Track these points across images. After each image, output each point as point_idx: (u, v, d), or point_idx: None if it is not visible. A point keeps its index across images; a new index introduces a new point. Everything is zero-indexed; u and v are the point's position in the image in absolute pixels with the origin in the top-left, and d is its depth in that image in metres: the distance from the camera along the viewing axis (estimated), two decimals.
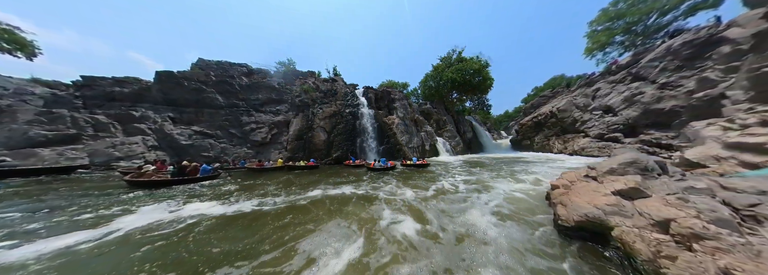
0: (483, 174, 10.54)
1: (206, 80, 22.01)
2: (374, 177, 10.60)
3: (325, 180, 10.03)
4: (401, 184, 8.69)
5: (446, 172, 11.66)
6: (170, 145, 18.70)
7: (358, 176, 10.96)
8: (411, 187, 8.05)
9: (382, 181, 9.51)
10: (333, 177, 10.90)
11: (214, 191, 8.22)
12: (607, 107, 16.93)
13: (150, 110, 20.30)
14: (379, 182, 9.17)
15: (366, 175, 11.43)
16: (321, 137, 18.55)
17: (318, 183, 9.32)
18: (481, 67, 28.93)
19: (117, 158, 16.13)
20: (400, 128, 22.74)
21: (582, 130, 18.01)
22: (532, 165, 13.04)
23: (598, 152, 15.66)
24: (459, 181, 9.06)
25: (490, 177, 9.58)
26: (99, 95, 20.40)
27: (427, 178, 10.03)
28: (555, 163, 13.62)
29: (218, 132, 19.43)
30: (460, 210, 5.31)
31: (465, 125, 34.15)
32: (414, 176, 10.85)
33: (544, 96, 27.99)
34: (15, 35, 18.04)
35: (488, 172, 11.17)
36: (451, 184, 8.47)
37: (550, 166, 12.49)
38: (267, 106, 21.42)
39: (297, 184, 9.30)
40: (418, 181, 9.37)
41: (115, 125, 18.97)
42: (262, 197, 7.00)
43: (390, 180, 9.64)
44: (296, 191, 7.92)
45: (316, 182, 9.52)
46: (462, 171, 11.92)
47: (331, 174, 12.13)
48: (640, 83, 15.96)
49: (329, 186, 8.53)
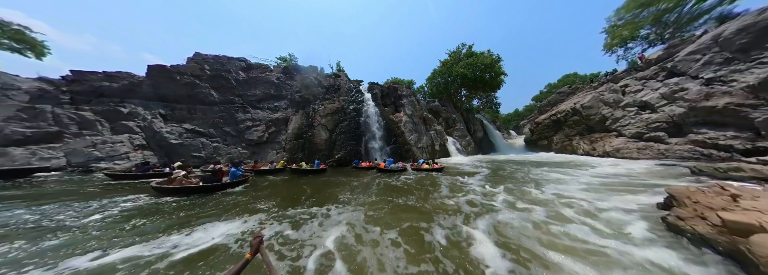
0: (528, 182, 8.53)
1: (200, 74, 20.19)
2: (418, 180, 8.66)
3: (367, 186, 8.23)
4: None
5: (476, 183, 9.15)
6: (159, 144, 16.93)
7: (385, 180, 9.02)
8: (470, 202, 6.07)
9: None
10: (360, 179, 8.99)
11: (260, 199, 6.64)
12: (644, 103, 14.74)
13: (140, 107, 18.54)
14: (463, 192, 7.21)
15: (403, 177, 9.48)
16: (322, 135, 16.62)
17: (366, 190, 7.61)
18: (494, 61, 26.74)
19: (97, 158, 14.39)
20: (408, 126, 20.75)
21: (614, 129, 15.83)
22: (568, 170, 10.98)
23: (638, 153, 13.49)
24: (507, 196, 7.06)
25: (545, 187, 7.57)
26: (87, 91, 18.68)
27: (454, 188, 8.04)
28: (595, 168, 11.47)
29: (211, 130, 17.61)
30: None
31: (475, 123, 32.02)
32: (436, 185, 8.86)
33: (562, 93, 25.73)
34: (25, 36, 17.70)
35: (531, 181, 9.12)
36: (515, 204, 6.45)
37: (589, 172, 10.43)
38: (265, 102, 19.55)
39: (341, 190, 7.66)
40: (456, 198, 7.39)
41: (102, 122, 17.24)
42: (342, 207, 5.46)
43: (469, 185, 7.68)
44: (363, 200, 6.36)
45: (361, 189, 7.81)
46: (493, 178, 9.90)
47: (353, 176, 10.21)
48: (679, 79, 13.75)
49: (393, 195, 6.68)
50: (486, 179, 9.51)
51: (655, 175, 8.89)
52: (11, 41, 17.33)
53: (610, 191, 6.64)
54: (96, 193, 7.73)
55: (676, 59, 14.25)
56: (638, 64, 17.44)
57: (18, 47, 17.75)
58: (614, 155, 14.70)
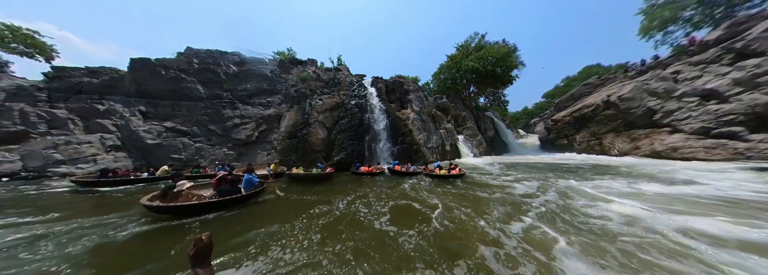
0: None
1: (187, 67, 17.97)
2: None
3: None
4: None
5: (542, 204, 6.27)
6: (136, 144, 14.72)
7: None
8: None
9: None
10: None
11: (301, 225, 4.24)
12: (709, 91, 11.90)
13: (119, 103, 16.38)
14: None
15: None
16: (319, 134, 14.16)
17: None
18: (509, 52, 23.94)
19: (57, 161, 12.18)
20: (417, 124, 18.17)
21: (666, 123, 13.00)
22: (623, 177, 8.29)
23: (706, 154, 10.66)
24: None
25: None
26: (65, 87, 16.60)
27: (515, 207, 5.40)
28: (668, 175, 8.74)
29: (194, 129, 15.33)
30: None
31: (485, 122, 29.24)
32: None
33: (588, 85, 22.79)
34: (35, 40, 17.82)
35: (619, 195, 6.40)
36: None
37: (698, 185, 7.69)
38: (256, 97, 17.21)
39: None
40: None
41: (76, 121, 15.11)
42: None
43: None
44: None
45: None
46: (550, 193, 7.09)
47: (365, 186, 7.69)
48: (761, 60, 10.87)
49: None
50: (540, 192, 6.85)
51: None
52: (22, 45, 17.51)
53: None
54: (38, 209, 5.38)
55: (748, 38, 11.40)
56: (689, 48, 14.57)
57: (28, 51, 17.94)
58: (669, 156, 11.88)
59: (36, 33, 18.09)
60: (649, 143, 13.20)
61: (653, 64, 16.62)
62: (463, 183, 8.32)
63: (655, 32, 19.29)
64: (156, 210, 4.72)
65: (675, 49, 16.33)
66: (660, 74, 14.45)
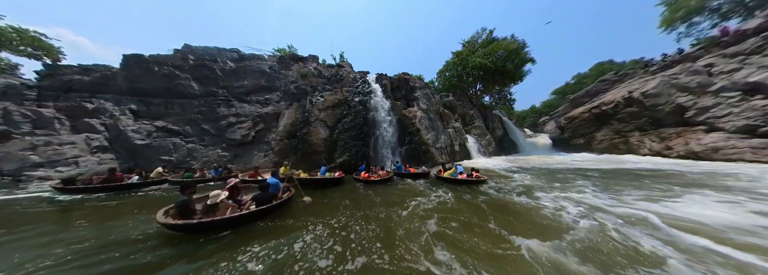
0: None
1: (182, 64, 16.91)
2: None
3: None
4: None
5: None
6: (124, 145, 13.67)
7: None
8: None
9: None
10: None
11: None
12: (751, 85, 10.65)
13: (110, 102, 15.36)
14: None
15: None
16: (320, 133, 13.03)
17: None
18: (519, 47, 22.71)
19: (35, 164, 11.13)
20: (424, 122, 17.00)
21: (701, 121, 11.76)
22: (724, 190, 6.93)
23: (754, 155, 9.43)
24: None
25: None
26: (56, 86, 15.61)
27: None
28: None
29: (187, 128, 14.25)
30: None
31: (494, 120, 28.00)
32: None
33: (605, 81, 21.50)
34: (42, 42, 17.96)
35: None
36: None
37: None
38: (254, 94, 16.10)
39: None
40: None
41: (62, 120, 14.08)
42: None
43: None
44: None
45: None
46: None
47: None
48: None
49: None
50: (611, 223, 4.11)
51: None
52: (30, 48, 17.76)
53: None
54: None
55: None
56: (723, 39, 13.31)
57: (36, 53, 18.05)
58: (709, 157, 10.64)
59: (43, 35, 18.29)
60: (684, 143, 11.95)
61: (679, 57, 15.35)
62: (494, 192, 7.03)
63: (678, 24, 17.97)
64: (177, 229, 3.70)
65: (703, 41, 15.05)
66: (691, 67, 13.18)
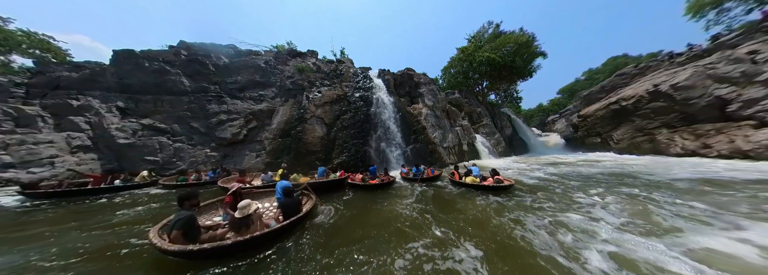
0: None
1: (174, 59, 15.94)
2: None
3: None
4: None
5: None
6: (108, 144, 12.70)
7: None
8: None
9: None
10: None
11: None
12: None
13: (97, 99, 14.44)
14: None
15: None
16: (317, 132, 11.85)
17: None
18: (529, 40, 21.30)
19: (5, 164, 10.18)
20: (430, 120, 15.73)
21: (748, 116, 10.27)
22: None
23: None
24: None
25: None
26: (44, 83, 14.77)
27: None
28: None
29: (175, 126, 13.22)
30: None
31: (502, 119, 26.56)
32: None
33: (624, 74, 19.93)
34: (50, 44, 18.28)
35: None
36: None
37: None
38: (247, 91, 15.02)
39: None
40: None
41: (46, 118, 13.17)
42: None
43: None
44: None
45: None
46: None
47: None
48: None
49: None
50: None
51: None
52: (38, 50, 17.95)
53: None
54: None
55: None
56: (762, 23, 11.82)
57: (44, 55, 18.17)
58: (762, 157, 9.17)
59: (51, 38, 18.63)
60: (727, 141, 10.46)
61: (712, 46, 13.83)
62: (533, 204, 5.45)
63: (708, 11, 16.41)
64: (218, 253, 2.72)
65: (742, 27, 13.54)
66: (731, 54, 11.67)
